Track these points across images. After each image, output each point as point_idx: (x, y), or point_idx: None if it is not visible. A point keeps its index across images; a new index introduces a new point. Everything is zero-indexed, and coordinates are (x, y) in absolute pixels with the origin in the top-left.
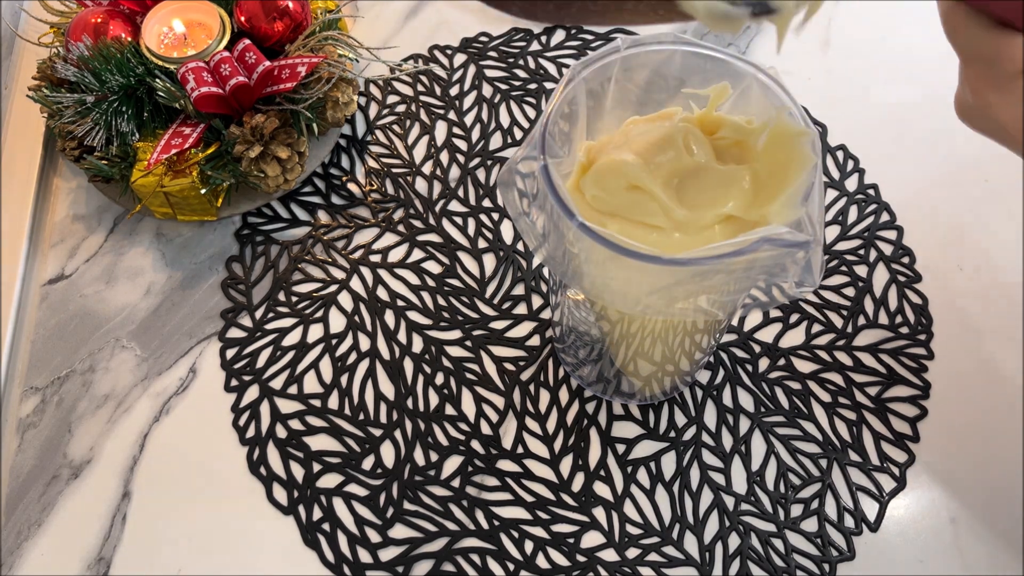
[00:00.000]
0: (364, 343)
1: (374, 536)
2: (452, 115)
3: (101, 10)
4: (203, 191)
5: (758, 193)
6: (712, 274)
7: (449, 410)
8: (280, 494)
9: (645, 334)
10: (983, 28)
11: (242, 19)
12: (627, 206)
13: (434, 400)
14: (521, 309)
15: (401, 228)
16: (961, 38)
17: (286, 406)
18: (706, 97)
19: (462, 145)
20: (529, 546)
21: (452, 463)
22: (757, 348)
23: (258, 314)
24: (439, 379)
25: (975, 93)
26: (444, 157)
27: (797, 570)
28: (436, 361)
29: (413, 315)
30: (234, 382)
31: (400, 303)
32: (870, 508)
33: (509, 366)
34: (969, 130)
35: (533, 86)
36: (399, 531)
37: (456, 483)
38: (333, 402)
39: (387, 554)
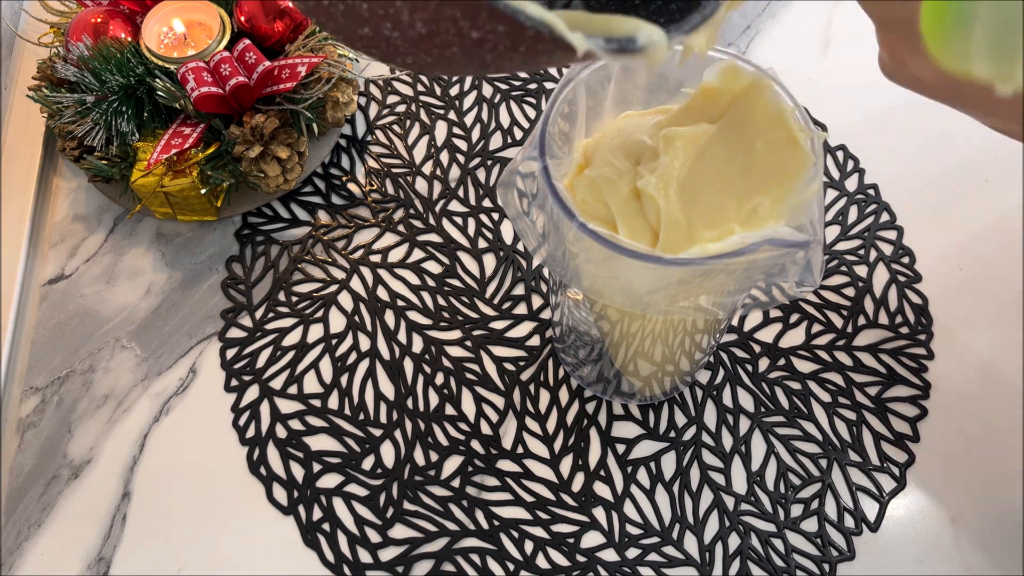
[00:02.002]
0: (364, 343)
1: (374, 536)
2: (452, 115)
3: (101, 10)
4: (203, 191)
5: (756, 197)
6: (712, 274)
7: (449, 410)
8: (280, 494)
9: (645, 334)
10: None
11: (242, 19)
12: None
13: (434, 400)
14: (521, 309)
15: (401, 228)
16: (876, 6)
17: (286, 406)
18: None
19: (462, 145)
20: (529, 546)
21: (452, 463)
22: (757, 348)
23: (258, 314)
24: (439, 379)
25: (892, 55)
26: (444, 157)
27: (797, 570)
28: (436, 361)
29: (413, 315)
30: (234, 382)
31: (400, 303)
32: (870, 508)
33: (509, 366)
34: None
35: (533, 86)
36: (399, 531)
37: (456, 483)
38: (333, 402)
39: (387, 554)
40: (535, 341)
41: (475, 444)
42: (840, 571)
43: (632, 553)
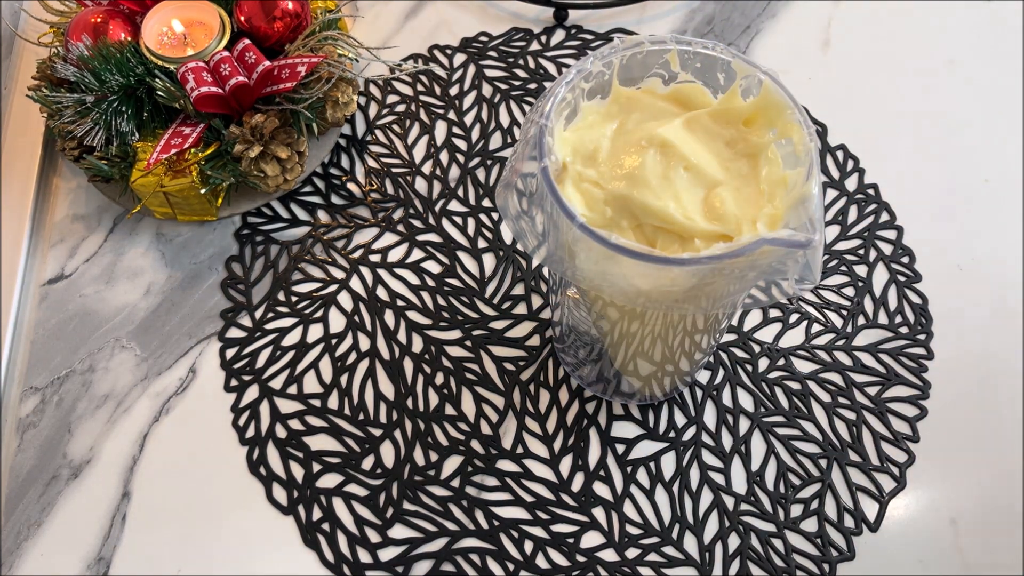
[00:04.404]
0: (364, 343)
1: (374, 536)
2: (452, 115)
3: (101, 10)
4: (203, 191)
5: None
6: (712, 274)
7: (449, 410)
8: (280, 494)
9: (645, 334)
10: None
11: (242, 19)
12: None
13: (434, 400)
14: (521, 309)
15: (401, 228)
16: None
17: (286, 406)
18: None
19: (462, 145)
20: (529, 546)
21: (452, 463)
22: (757, 348)
23: (258, 314)
24: (439, 379)
25: None
26: (444, 157)
27: (797, 570)
28: (436, 361)
29: (413, 315)
30: (234, 382)
31: (400, 303)
32: (870, 508)
33: (509, 366)
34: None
35: (533, 86)
36: (399, 531)
37: (456, 483)
38: (333, 402)
39: (387, 554)
40: (535, 341)
41: (475, 444)
42: (840, 571)
43: (632, 553)
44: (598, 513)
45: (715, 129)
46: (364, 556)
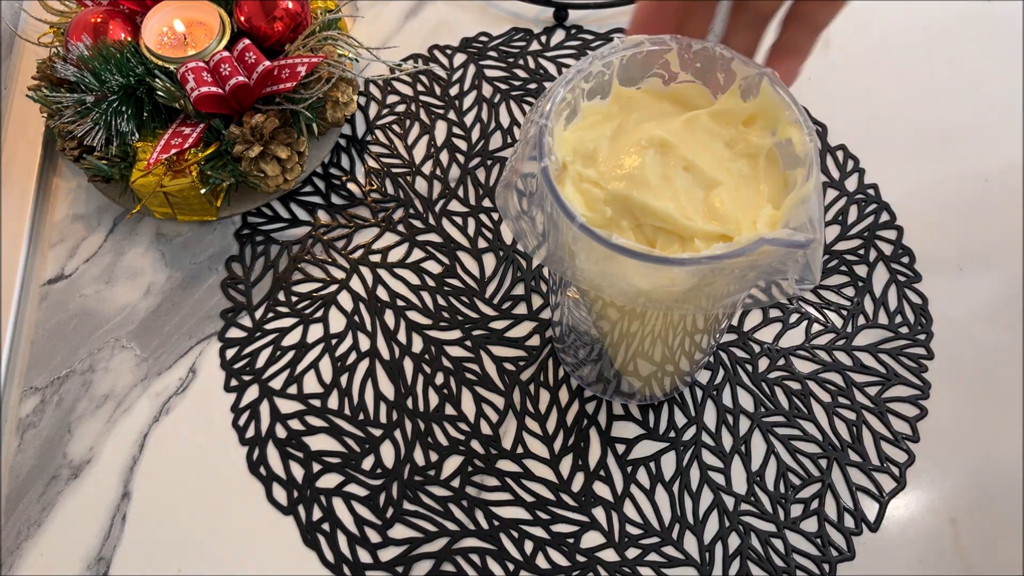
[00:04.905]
0: (364, 343)
1: (374, 536)
2: (452, 115)
3: (101, 10)
4: (203, 191)
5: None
6: (712, 274)
7: (449, 410)
8: (280, 494)
9: (645, 334)
10: None
11: (242, 19)
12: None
13: (434, 400)
14: (521, 309)
15: (401, 228)
16: None
17: (286, 406)
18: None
19: (462, 145)
20: (529, 546)
21: (452, 463)
22: (757, 348)
23: (258, 314)
24: (439, 379)
25: None
26: (444, 157)
27: (797, 570)
28: (436, 361)
29: (413, 315)
30: (234, 382)
31: (400, 303)
32: (870, 508)
33: (509, 366)
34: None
35: (533, 86)
36: (399, 531)
37: (456, 483)
38: (333, 402)
39: (387, 554)
40: (535, 341)
41: (475, 444)
42: (840, 571)
43: (632, 553)
44: (598, 513)
45: (715, 129)
46: (364, 556)
